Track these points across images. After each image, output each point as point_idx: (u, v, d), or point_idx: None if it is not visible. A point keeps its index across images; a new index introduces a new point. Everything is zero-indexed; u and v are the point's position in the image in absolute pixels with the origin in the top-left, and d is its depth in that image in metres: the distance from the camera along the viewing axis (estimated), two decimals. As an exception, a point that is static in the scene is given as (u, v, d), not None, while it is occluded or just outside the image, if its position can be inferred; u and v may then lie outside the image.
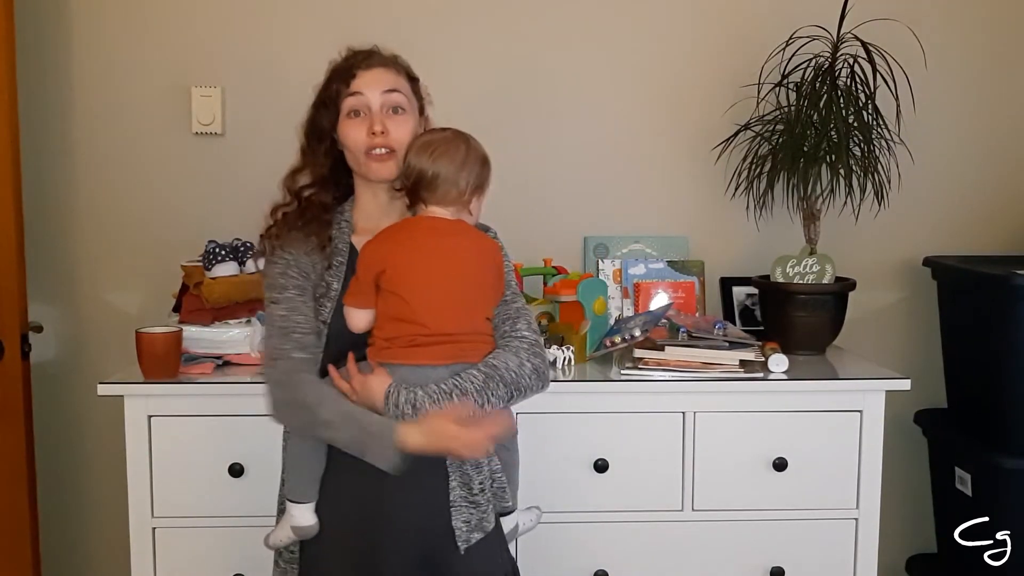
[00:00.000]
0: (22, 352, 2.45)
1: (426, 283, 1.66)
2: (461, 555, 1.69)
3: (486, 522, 1.73)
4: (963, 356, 2.65)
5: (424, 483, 1.68)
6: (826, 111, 2.47)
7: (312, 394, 1.65)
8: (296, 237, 1.76)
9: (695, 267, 2.68)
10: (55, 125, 2.63)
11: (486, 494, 1.74)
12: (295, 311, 1.71)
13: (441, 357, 1.66)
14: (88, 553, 2.76)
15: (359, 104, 1.76)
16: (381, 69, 1.78)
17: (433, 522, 1.69)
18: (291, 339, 1.69)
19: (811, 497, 2.23)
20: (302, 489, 1.73)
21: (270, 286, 1.74)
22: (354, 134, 1.76)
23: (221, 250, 2.28)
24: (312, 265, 1.75)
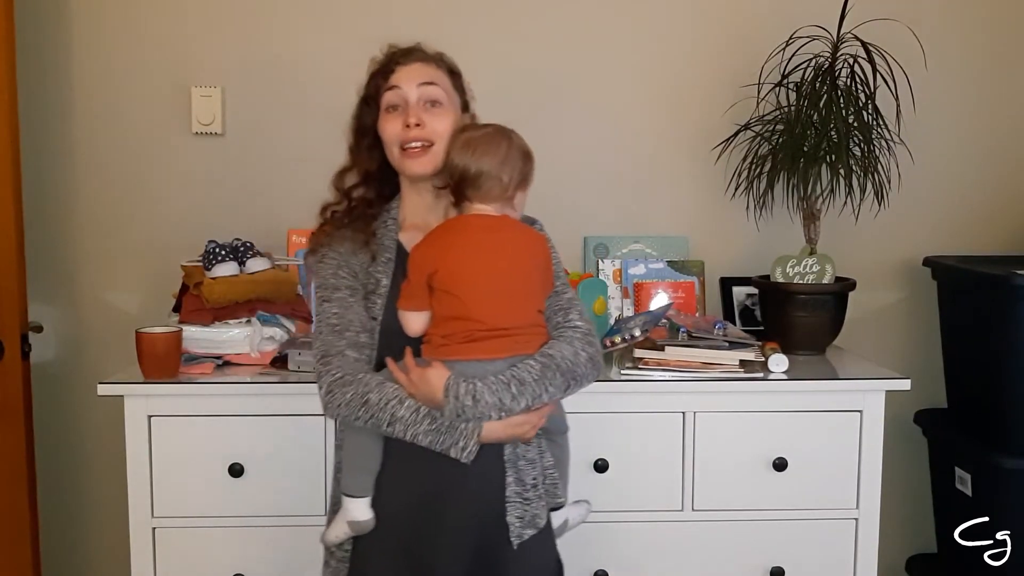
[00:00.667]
0: (22, 352, 2.45)
1: (478, 280, 1.66)
2: (513, 550, 1.71)
3: (539, 518, 1.74)
4: (963, 356, 2.65)
5: (480, 478, 1.69)
6: (826, 111, 2.47)
7: (376, 393, 1.65)
8: (343, 236, 1.77)
9: (695, 267, 2.68)
10: (55, 125, 2.63)
11: (538, 490, 1.75)
12: (348, 310, 1.71)
13: (498, 351, 1.66)
14: (88, 553, 2.76)
15: (396, 98, 1.76)
16: (420, 64, 1.78)
17: (488, 516, 1.70)
18: (344, 338, 1.69)
19: (811, 497, 2.23)
20: (359, 484, 1.72)
21: (322, 285, 1.75)
22: (390, 128, 1.75)
23: (221, 250, 2.28)
24: (360, 264, 1.76)
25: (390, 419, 1.64)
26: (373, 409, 1.64)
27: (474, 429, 1.63)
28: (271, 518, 2.16)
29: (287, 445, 2.14)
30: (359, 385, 1.65)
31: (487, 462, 1.68)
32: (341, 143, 2.74)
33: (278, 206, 2.64)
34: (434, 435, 1.63)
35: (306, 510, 2.16)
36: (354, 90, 1.79)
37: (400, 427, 1.64)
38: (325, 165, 2.81)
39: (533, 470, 1.75)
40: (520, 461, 1.73)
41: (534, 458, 1.76)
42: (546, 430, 1.79)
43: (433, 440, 1.63)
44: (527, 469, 1.74)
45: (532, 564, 1.74)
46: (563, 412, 1.85)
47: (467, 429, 1.63)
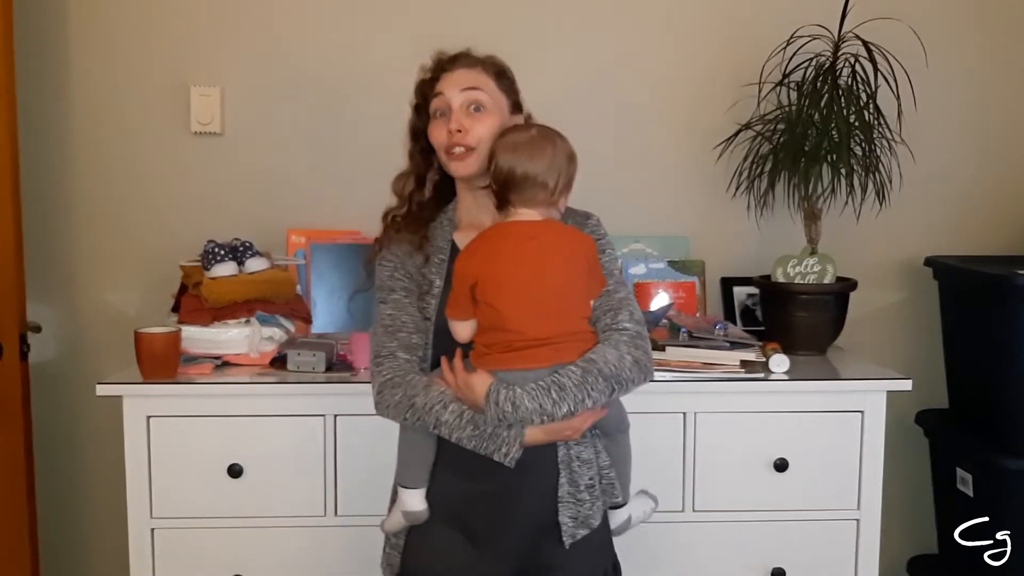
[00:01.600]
0: (21, 352, 2.44)
1: (518, 291, 1.66)
2: (565, 549, 1.73)
3: (592, 519, 1.76)
4: (964, 356, 2.65)
5: (532, 479, 1.71)
6: (827, 110, 2.46)
7: (422, 397, 1.68)
8: (400, 238, 1.82)
9: (696, 267, 2.68)
10: (54, 125, 2.62)
11: (594, 491, 1.77)
12: (402, 311, 1.76)
13: (538, 360, 1.66)
14: (87, 553, 2.75)
15: (442, 104, 1.79)
16: (464, 69, 1.81)
17: (540, 515, 1.73)
18: (397, 338, 1.74)
19: (812, 497, 2.23)
20: (413, 476, 1.75)
21: (379, 287, 1.80)
22: (436, 134, 1.80)
23: (220, 250, 2.27)
24: (416, 266, 1.80)
25: (435, 422, 1.68)
26: (419, 412, 1.68)
27: (516, 435, 1.65)
28: (270, 518, 2.16)
29: (286, 445, 2.14)
30: (407, 387, 1.70)
31: (540, 463, 1.71)
32: (341, 142, 2.75)
33: (277, 206, 2.63)
34: (477, 440, 1.66)
35: (305, 510, 2.15)
36: (354, 89, 1.80)
37: (445, 430, 1.68)
38: (325, 165, 2.82)
39: (588, 471, 1.77)
40: (574, 462, 1.75)
41: (589, 459, 1.77)
42: (603, 429, 1.80)
43: (476, 445, 1.66)
44: (581, 470, 1.76)
45: (585, 563, 1.77)
46: (622, 410, 1.85)
47: (509, 435, 1.65)
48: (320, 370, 2.18)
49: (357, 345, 2.22)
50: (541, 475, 1.72)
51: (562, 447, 1.74)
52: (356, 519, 2.12)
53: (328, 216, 2.63)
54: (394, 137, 1.91)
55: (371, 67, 2.64)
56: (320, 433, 2.14)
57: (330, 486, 2.15)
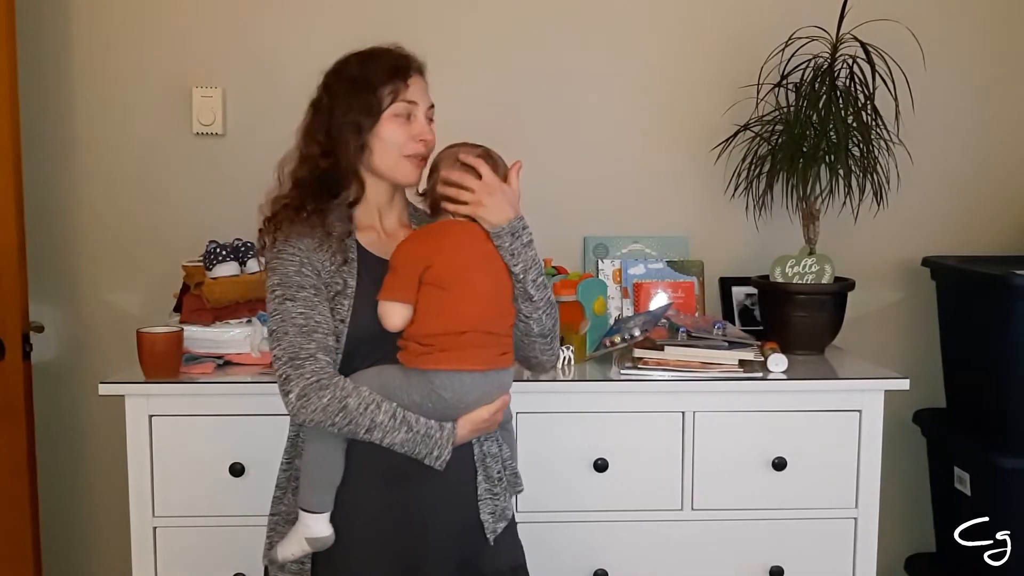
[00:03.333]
0: (23, 352, 2.45)
1: (471, 280, 1.69)
2: (491, 546, 1.75)
3: (508, 510, 1.80)
4: (962, 356, 2.65)
5: (454, 482, 1.71)
6: (825, 111, 2.47)
7: (355, 398, 1.63)
8: (301, 231, 1.70)
9: (694, 267, 2.69)
10: (56, 125, 2.63)
11: (503, 483, 1.79)
12: (314, 310, 1.66)
13: (479, 361, 1.68)
14: (89, 553, 2.76)
15: (407, 108, 1.76)
16: (423, 80, 1.80)
17: (465, 518, 1.74)
18: (314, 339, 1.65)
19: (810, 497, 2.24)
20: (319, 499, 1.68)
21: (284, 283, 1.68)
22: (398, 132, 1.74)
23: (222, 250, 2.28)
24: (322, 263, 1.70)
25: (369, 424, 1.62)
26: (352, 414, 1.61)
27: (448, 436, 1.66)
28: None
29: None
30: (336, 389, 1.62)
31: (459, 465, 1.71)
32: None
33: (278, 206, 2.64)
34: (410, 444, 1.64)
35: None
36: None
37: (378, 433, 1.63)
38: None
39: (497, 464, 1.80)
40: (487, 459, 1.78)
41: (496, 452, 1.80)
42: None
43: (409, 448, 1.64)
44: (492, 464, 1.79)
45: (509, 555, 1.80)
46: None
47: (441, 436, 1.66)
48: (321, 370, 2.18)
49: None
50: (460, 476, 1.73)
51: (476, 445, 1.76)
52: (357, 518, 2.13)
53: (329, 216, 2.64)
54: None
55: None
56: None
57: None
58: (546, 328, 1.77)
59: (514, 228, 1.71)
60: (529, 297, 1.73)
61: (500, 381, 1.73)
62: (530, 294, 1.73)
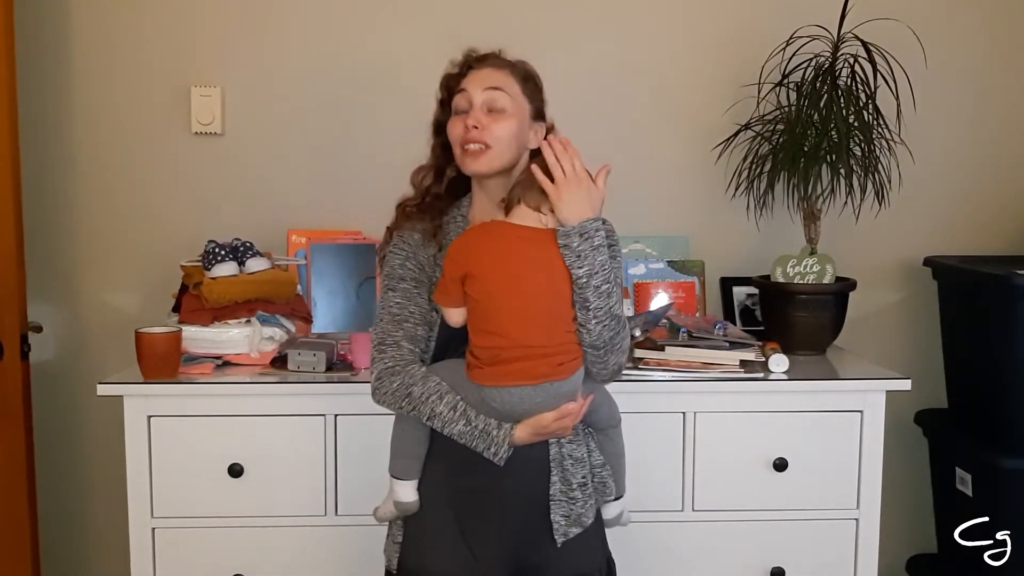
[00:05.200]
0: (22, 352, 2.44)
1: (509, 293, 1.65)
2: (557, 548, 1.73)
3: (585, 517, 1.77)
4: (963, 356, 2.65)
5: (523, 477, 1.72)
6: (826, 111, 2.47)
7: (420, 387, 1.70)
8: (413, 227, 1.82)
9: (695, 267, 2.68)
10: (55, 125, 2.63)
11: (587, 489, 1.77)
12: (410, 301, 1.77)
13: (528, 376, 1.64)
14: (88, 553, 2.76)
15: (464, 101, 1.79)
16: (490, 69, 1.81)
17: (532, 514, 1.73)
18: (402, 328, 1.75)
19: (811, 497, 2.23)
20: (404, 467, 1.77)
21: (389, 275, 1.80)
22: (453, 128, 1.80)
23: (221, 250, 2.28)
24: (428, 257, 1.80)
25: (430, 413, 1.69)
26: (415, 401, 1.70)
27: (505, 435, 1.67)
28: (271, 518, 2.16)
29: (287, 445, 2.14)
30: (405, 376, 1.71)
31: (531, 461, 1.72)
32: (341, 143, 2.75)
33: (278, 206, 2.64)
34: (468, 436, 1.68)
35: (306, 510, 2.16)
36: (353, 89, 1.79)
37: (438, 423, 1.70)
38: (325, 165, 2.82)
39: (581, 469, 1.77)
40: (566, 460, 1.76)
41: (582, 457, 1.78)
42: (594, 426, 1.82)
43: (467, 440, 1.69)
44: (574, 468, 1.77)
45: (578, 562, 1.77)
46: (613, 405, 1.85)
47: (499, 435, 1.67)
48: (320, 370, 2.18)
49: (357, 345, 2.23)
50: (532, 473, 1.73)
51: (554, 445, 1.75)
52: (356, 519, 2.12)
53: (328, 216, 2.64)
54: (394, 137, 1.92)
55: (372, 67, 2.65)
56: (320, 433, 2.14)
57: (330, 486, 2.15)
58: (599, 340, 1.68)
59: (585, 229, 1.66)
60: (586, 304, 1.66)
61: (557, 391, 1.67)
62: (587, 301, 1.65)
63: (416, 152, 1.91)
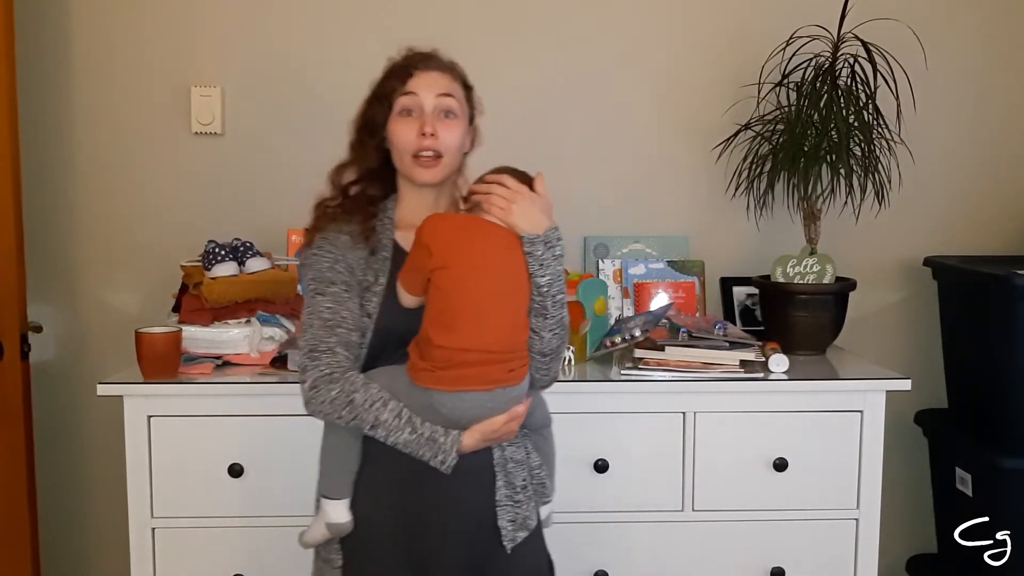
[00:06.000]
0: (22, 352, 2.45)
1: (481, 294, 1.62)
2: (507, 554, 1.70)
3: (530, 520, 1.74)
4: (963, 356, 2.65)
5: (470, 484, 1.68)
6: (826, 111, 2.47)
7: (362, 393, 1.63)
8: (340, 229, 1.74)
9: (695, 267, 2.68)
10: (55, 125, 2.63)
11: (528, 491, 1.75)
12: (342, 306, 1.68)
13: (483, 381, 1.62)
14: (88, 553, 2.76)
15: (412, 104, 1.74)
16: (438, 73, 1.77)
17: (480, 522, 1.69)
18: (336, 334, 1.66)
19: (811, 497, 2.23)
20: (337, 485, 1.70)
21: (317, 278, 1.71)
22: (404, 133, 1.73)
23: (221, 250, 2.28)
24: (357, 260, 1.73)
25: (374, 421, 1.62)
26: (357, 409, 1.62)
27: (453, 442, 1.62)
28: (271, 518, 2.16)
29: (287, 445, 2.14)
30: (345, 383, 1.63)
31: (476, 467, 1.68)
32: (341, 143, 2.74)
33: (277, 206, 2.63)
34: (414, 445, 1.62)
35: (306, 510, 2.13)
36: (353, 90, 1.78)
37: (382, 431, 1.62)
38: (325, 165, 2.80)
39: (522, 471, 1.75)
40: (508, 464, 1.73)
41: (521, 459, 1.76)
42: (530, 427, 1.79)
43: (413, 449, 1.63)
44: (516, 471, 1.74)
45: (526, 566, 1.74)
46: (546, 405, 1.84)
47: (446, 441, 1.62)
48: (320, 370, 2.18)
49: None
50: (477, 480, 1.69)
51: (496, 450, 1.71)
52: (356, 518, 2.12)
53: (328, 216, 2.63)
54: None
55: (372, 68, 2.64)
56: (320, 433, 2.14)
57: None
58: (548, 347, 1.69)
59: (548, 238, 1.67)
60: (544, 313, 1.67)
61: (508, 396, 1.65)
62: (546, 309, 1.67)
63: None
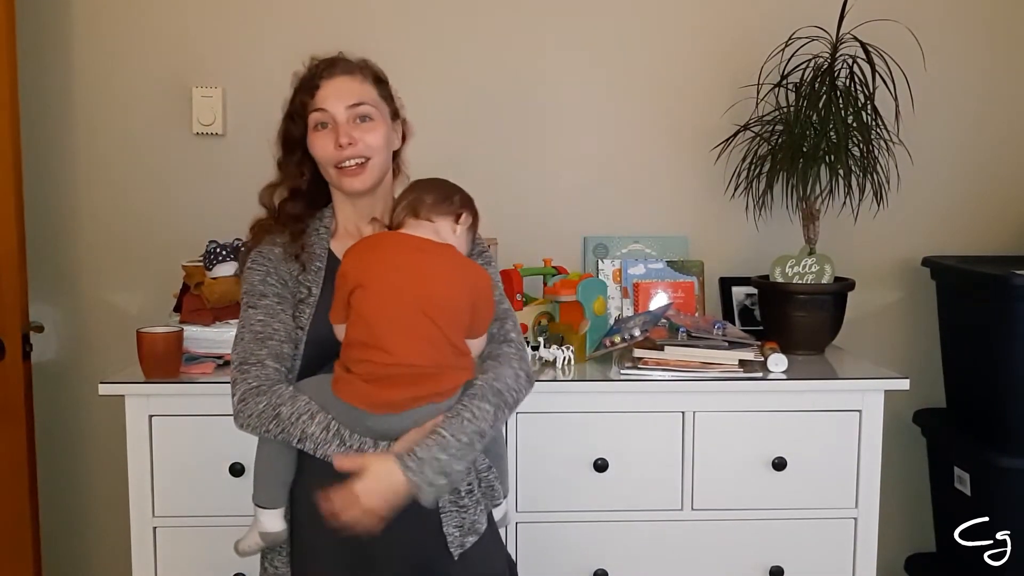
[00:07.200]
0: (23, 352, 2.45)
1: (396, 306, 1.59)
2: (455, 560, 1.65)
3: (479, 524, 1.69)
4: (962, 356, 2.66)
5: None
6: (825, 111, 2.47)
7: (288, 406, 1.61)
8: (272, 242, 1.75)
9: (694, 267, 2.69)
10: (56, 125, 2.63)
11: (475, 495, 1.70)
12: (274, 318, 1.68)
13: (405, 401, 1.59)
14: (89, 553, 2.76)
15: (324, 118, 1.73)
16: (345, 78, 1.74)
17: (424, 530, 1.64)
18: (267, 346, 1.66)
19: (810, 496, 2.24)
20: (271, 495, 1.69)
21: (249, 292, 1.71)
22: (322, 147, 1.73)
23: (222, 250, 2.28)
24: (290, 273, 1.73)
25: (300, 435, 1.60)
26: (284, 423, 1.60)
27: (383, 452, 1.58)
28: (272, 517, 2.16)
29: (288, 445, 2.14)
30: (272, 396, 1.61)
31: None
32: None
33: (278, 206, 2.64)
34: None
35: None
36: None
37: (311, 444, 1.60)
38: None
39: (467, 476, 1.69)
40: None
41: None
42: None
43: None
44: None
45: (478, 570, 1.68)
46: None
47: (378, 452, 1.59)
48: (321, 370, 2.18)
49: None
50: None
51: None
52: (357, 518, 2.13)
53: (329, 216, 2.64)
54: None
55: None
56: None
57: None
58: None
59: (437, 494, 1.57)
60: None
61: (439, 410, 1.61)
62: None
63: (416, 151, 1.92)
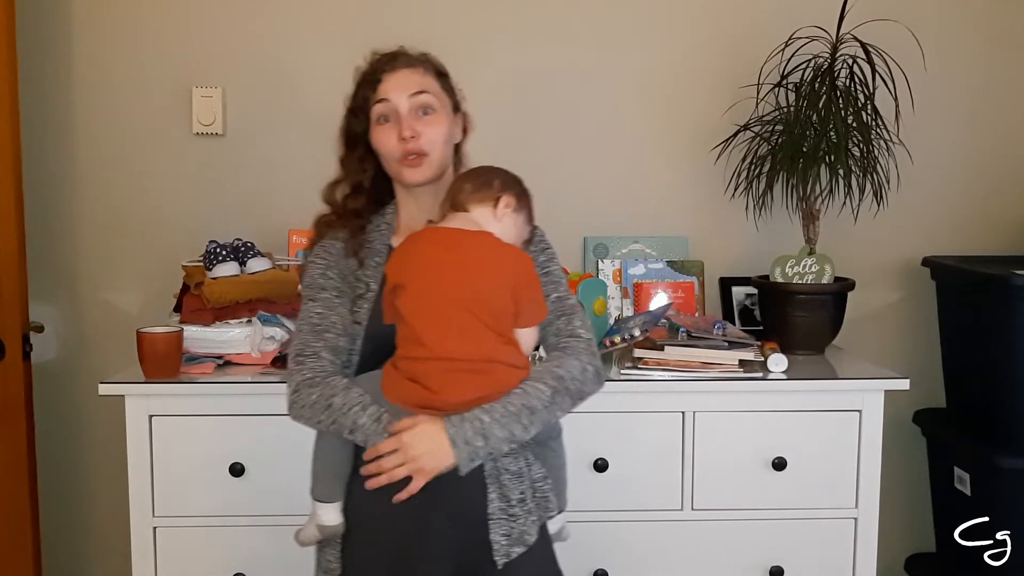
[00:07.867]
0: (23, 352, 2.45)
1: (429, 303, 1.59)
2: (499, 570, 1.63)
3: (528, 535, 1.65)
4: (962, 356, 2.66)
5: (461, 495, 1.62)
6: (825, 111, 2.47)
7: (341, 397, 1.61)
8: (335, 237, 1.76)
9: (694, 267, 2.69)
10: (56, 125, 2.63)
11: (526, 505, 1.67)
12: (332, 311, 1.68)
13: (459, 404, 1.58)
14: (89, 553, 2.76)
15: (387, 110, 1.73)
16: (406, 71, 1.74)
17: (470, 535, 1.62)
18: (323, 338, 1.66)
19: (810, 496, 2.24)
20: (327, 489, 1.69)
21: (309, 285, 1.72)
22: (385, 140, 1.73)
23: (222, 250, 2.28)
24: (350, 268, 1.73)
25: (352, 425, 1.59)
26: (335, 414, 1.60)
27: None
28: (272, 517, 2.16)
29: (288, 445, 2.12)
30: (325, 387, 1.62)
31: (466, 478, 1.59)
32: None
33: (279, 206, 2.64)
34: None
35: (307, 509, 2.15)
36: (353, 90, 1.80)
37: (360, 435, 1.60)
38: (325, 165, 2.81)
39: (520, 484, 1.67)
40: (503, 475, 1.66)
41: (520, 471, 1.68)
42: (535, 438, 1.68)
43: None
44: (511, 484, 1.66)
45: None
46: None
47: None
48: (321, 370, 2.18)
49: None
50: (468, 491, 1.62)
51: (490, 461, 1.63)
52: (357, 518, 2.13)
53: (329, 216, 2.64)
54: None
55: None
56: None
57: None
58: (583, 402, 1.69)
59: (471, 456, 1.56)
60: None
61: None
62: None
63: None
